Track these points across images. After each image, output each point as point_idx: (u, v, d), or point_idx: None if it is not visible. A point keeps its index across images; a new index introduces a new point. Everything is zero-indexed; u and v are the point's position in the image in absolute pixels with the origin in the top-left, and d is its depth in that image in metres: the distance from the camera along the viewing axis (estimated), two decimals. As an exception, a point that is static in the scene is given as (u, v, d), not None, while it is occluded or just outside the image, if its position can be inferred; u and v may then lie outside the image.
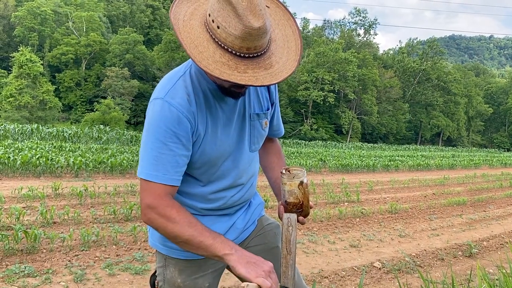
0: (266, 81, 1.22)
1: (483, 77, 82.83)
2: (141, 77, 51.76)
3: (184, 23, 1.26)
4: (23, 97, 38.30)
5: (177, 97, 1.36)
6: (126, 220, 6.11)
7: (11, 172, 9.65)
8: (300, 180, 1.48)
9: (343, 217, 7.39)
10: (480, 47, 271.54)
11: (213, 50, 1.21)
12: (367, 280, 4.45)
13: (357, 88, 52.55)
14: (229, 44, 1.20)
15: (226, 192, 1.57)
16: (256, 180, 1.73)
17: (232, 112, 1.50)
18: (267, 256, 1.66)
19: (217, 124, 1.46)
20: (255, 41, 1.20)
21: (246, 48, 1.20)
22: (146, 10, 63.56)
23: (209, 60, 1.20)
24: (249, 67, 1.22)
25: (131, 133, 25.41)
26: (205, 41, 1.22)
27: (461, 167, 23.63)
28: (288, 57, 1.30)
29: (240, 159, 1.56)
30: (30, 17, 49.71)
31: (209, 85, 1.43)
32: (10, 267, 3.98)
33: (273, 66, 1.26)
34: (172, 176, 1.37)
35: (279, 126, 1.80)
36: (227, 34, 1.18)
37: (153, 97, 1.40)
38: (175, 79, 1.42)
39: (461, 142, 67.41)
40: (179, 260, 1.60)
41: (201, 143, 1.43)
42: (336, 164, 17.23)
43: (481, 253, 5.89)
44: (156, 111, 1.36)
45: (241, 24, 1.16)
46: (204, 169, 1.49)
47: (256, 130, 1.60)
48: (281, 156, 1.85)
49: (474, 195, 11.64)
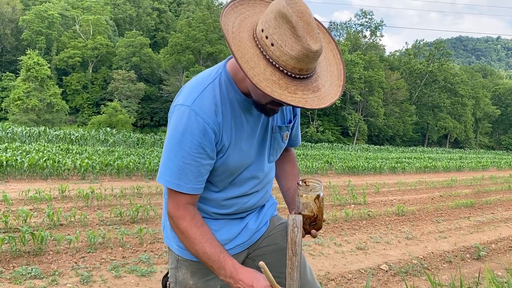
0: (315, 104, 1.21)
1: (490, 78, 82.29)
2: (148, 79, 52.04)
3: (233, 35, 1.23)
4: (31, 100, 38.58)
5: (204, 106, 1.35)
6: (132, 222, 6.12)
7: (19, 175, 9.71)
8: (317, 194, 1.47)
9: (350, 220, 7.36)
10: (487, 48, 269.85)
11: (263, 66, 1.19)
12: (374, 283, 4.42)
13: (364, 90, 52.40)
14: (281, 63, 1.18)
15: (240, 199, 1.57)
16: (271, 187, 1.74)
17: (256, 124, 1.50)
18: (278, 256, 1.66)
19: (242, 136, 1.46)
20: (309, 63, 1.19)
21: (298, 69, 1.19)
22: (152, 13, 63.92)
23: (260, 76, 1.18)
24: (298, 88, 1.21)
25: (138, 136, 25.48)
26: (255, 57, 1.20)
27: (468, 169, 23.46)
28: (331, 81, 1.30)
29: (259, 169, 1.57)
30: (38, 21, 50.16)
31: (237, 95, 1.42)
32: (17, 268, 3.99)
33: (320, 89, 1.25)
34: (194, 186, 1.39)
35: (297, 137, 1.80)
36: (282, 53, 1.17)
37: (179, 103, 1.39)
38: (203, 86, 1.40)
39: (468, 144, 66.97)
40: (192, 262, 1.59)
41: (224, 153, 1.43)
42: (342, 166, 17.17)
43: (490, 255, 5.83)
44: (182, 119, 1.35)
45: (299, 45, 1.15)
46: (222, 177, 1.49)
47: (276, 142, 1.60)
48: (295, 165, 1.85)
49: (482, 197, 11.55)
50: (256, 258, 1.73)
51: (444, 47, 64.77)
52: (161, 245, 5.17)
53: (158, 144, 23.40)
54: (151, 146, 22.50)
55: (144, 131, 44.36)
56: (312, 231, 1.52)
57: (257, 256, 1.73)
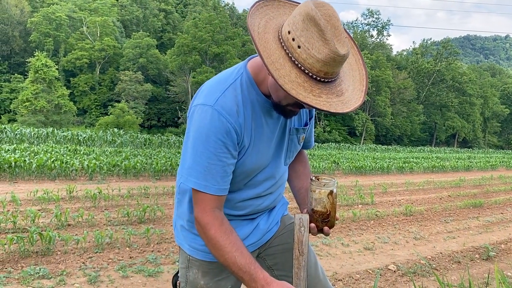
0: (339, 108, 1.20)
1: (499, 77, 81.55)
2: (154, 80, 52.22)
3: (259, 35, 1.23)
4: (39, 102, 38.88)
5: (226, 107, 1.35)
6: (140, 223, 6.13)
7: (27, 175, 9.78)
8: (330, 190, 1.45)
9: (357, 220, 7.32)
10: (495, 47, 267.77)
11: (289, 68, 1.19)
12: (382, 283, 4.39)
13: (371, 90, 52.17)
14: (307, 66, 1.18)
15: (253, 201, 1.57)
16: (283, 189, 1.73)
17: (275, 126, 1.49)
18: (289, 256, 1.65)
19: (261, 138, 1.45)
20: (335, 67, 1.19)
21: (324, 73, 1.19)
22: (159, 14, 64.13)
23: (285, 78, 1.17)
24: (323, 91, 1.20)
25: (145, 136, 25.59)
26: (281, 58, 1.20)
27: (477, 168, 23.26)
28: (354, 86, 1.30)
29: (275, 172, 1.56)
30: (46, 23, 50.49)
31: (258, 97, 1.42)
32: (25, 268, 4.01)
33: (344, 93, 1.25)
34: (221, 186, 1.38)
35: (310, 139, 1.79)
36: (308, 56, 1.16)
37: (201, 102, 1.38)
38: (225, 85, 1.39)
39: (477, 144, 66.45)
40: (203, 262, 1.59)
41: (243, 155, 1.43)
42: (349, 166, 17.10)
43: (499, 256, 5.77)
44: (205, 119, 1.34)
45: (327, 48, 1.15)
46: (238, 178, 1.48)
47: (293, 144, 1.60)
48: (307, 165, 1.84)
49: (491, 197, 11.45)
50: (267, 258, 1.73)
51: (452, 46, 64.35)
52: (168, 245, 5.18)
53: (165, 145, 23.47)
54: (158, 146, 22.57)
55: (151, 131, 44.52)
56: (324, 228, 1.50)
57: (268, 256, 1.72)
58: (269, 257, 1.72)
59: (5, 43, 51.67)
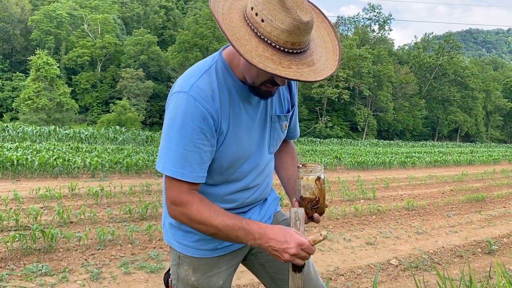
0: (311, 77, 1.20)
1: (501, 71, 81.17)
2: (156, 77, 52.18)
3: (223, 16, 1.23)
4: (41, 100, 38.93)
5: (202, 92, 1.33)
6: (142, 219, 6.15)
7: (29, 173, 9.80)
8: (317, 175, 1.44)
9: (359, 215, 7.32)
10: (498, 41, 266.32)
11: (255, 44, 1.19)
12: (384, 278, 4.40)
13: (372, 85, 52.03)
14: (273, 38, 1.18)
15: (242, 193, 1.55)
16: (272, 180, 1.71)
17: (254, 113, 1.47)
18: None
19: (239, 124, 1.43)
20: (301, 36, 1.19)
21: (290, 43, 1.18)
22: (159, 11, 64.02)
23: (252, 53, 1.17)
24: (292, 62, 1.20)
25: (147, 133, 25.59)
26: (246, 35, 1.20)
27: (479, 163, 23.20)
28: (327, 56, 1.29)
29: (259, 161, 1.54)
30: (47, 21, 50.51)
31: (234, 82, 1.41)
32: (28, 266, 4.03)
33: (315, 63, 1.24)
34: (198, 174, 1.36)
35: (295, 129, 1.78)
36: (273, 28, 1.17)
37: (176, 90, 1.37)
38: (200, 72, 1.38)
39: (479, 138, 66.26)
40: (193, 258, 1.59)
41: (222, 142, 1.41)
42: (351, 161, 17.09)
43: (501, 249, 5.76)
44: (180, 105, 1.33)
45: (289, 17, 1.15)
46: (222, 169, 1.47)
47: (276, 132, 1.58)
48: (295, 156, 1.82)
49: (493, 191, 11.42)
50: (259, 254, 1.72)
51: (453, 40, 64.07)
52: (170, 241, 5.18)
53: (167, 142, 23.41)
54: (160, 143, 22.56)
55: (153, 129, 44.53)
56: (314, 215, 1.48)
57: (260, 252, 1.71)
58: (262, 254, 1.71)
59: (6, 41, 51.75)
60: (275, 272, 1.70)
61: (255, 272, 1.79)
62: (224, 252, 1.61)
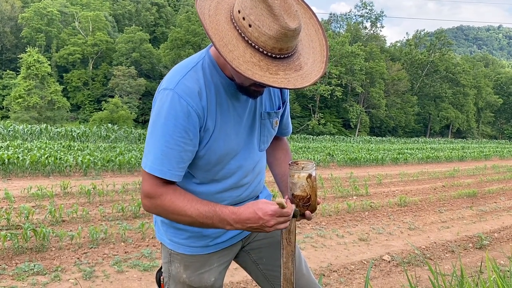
0: (299, 84, 1.18)
1: (492, 67, 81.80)
2: (148, 75, 51.96)
3: (210, 18, 1.20)
4: (32, 98, 38.65)
5: (188, 89, 1.31)
6: (135, 217, 6.13)
7: (21, 172, 9.73)
8: (309, 173, 1.43)
9: (352, 211, 7.35)
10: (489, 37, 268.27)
11: (243, 49, 1.16)
12: (377, 273, 4.42)
13: (365, 82, 52.23)
14: (260, 44, 1.15)
15: (231, 192, 1.54)
16: (264, 177, 1.70)
17: (243, 110, 1.46)
18: (275, 250, 1.65)
19: (227, 121, 1.42)
20: (289, 42, 1.17)
21: (278, 49, 1.17)
22: (151, 8, 63.66)
23: (240, 59, 1.15)
24: (280, 68, 1.18)
25: (139, 131, 25.46)
26: (234, 39, 1.17)
27: (471, 159, 23.40)
28: (314, 58, 1.27)
29: (248, 158, 1.53)
30: (37, 18, 50.05)
31: (222, 79, 1.39)
32: (19, 265, 4.00)
33: (303, 67, 1.22)
34: (175, 172, 1.35)
35: (287, 125, 1.76)
36: (260, 34, 1.14)
37: (162, 87, 1.36)
38: (186, 69, 1.36)
39: (471, 134, 66.78)
40: (184, 256, 1.59)
41: (209, 139, 1.39)
42: (344, 158, 17.15)
43: (492, 244, 5.82)
44: (165, 102, 1.31)
45: (276, 24, 1.12)
46: (208, 167, 1.45)
47: (266, 129, 1.56)
48: (288, 152, 1.81)
49: (484, 186, 11.53)
50: (252, 252, 1.72)
51: (445, 37, 64.40)
52: (163, 239, 5.17)
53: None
54: (152, 141, 22.44)
55: (145, 126, 44.26)
56: (306, 212, 1.48)
57: (253, 250, 1.71)
58: (254, 251, 1.71)
59: (-4, 39, 51.21)
60: (268, 269, 1.70)
61: (248, 269, 1.79)
62: (215, 249, 1.61)
